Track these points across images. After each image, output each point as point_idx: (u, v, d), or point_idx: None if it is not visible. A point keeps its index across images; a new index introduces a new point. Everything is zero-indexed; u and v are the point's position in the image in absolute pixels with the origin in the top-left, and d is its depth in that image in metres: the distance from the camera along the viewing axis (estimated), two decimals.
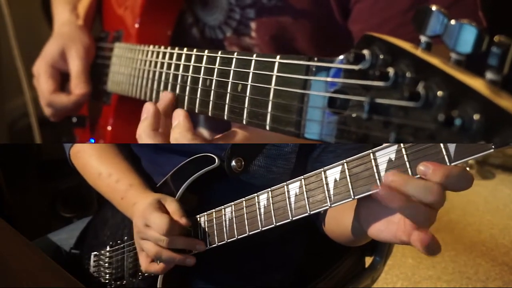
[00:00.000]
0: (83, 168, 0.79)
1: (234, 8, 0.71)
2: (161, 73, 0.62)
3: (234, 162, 0.65)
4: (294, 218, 0.52)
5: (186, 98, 0.57)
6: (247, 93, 0.48)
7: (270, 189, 0.55)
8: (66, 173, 0.85)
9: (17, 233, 0.62)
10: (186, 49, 0.58)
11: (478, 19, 0.59)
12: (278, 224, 0.54)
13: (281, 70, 0.45)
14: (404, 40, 0.36)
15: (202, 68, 0.55)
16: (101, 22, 0.87)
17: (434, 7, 0.34)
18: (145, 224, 0.63)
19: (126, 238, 0.75)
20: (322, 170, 0.49)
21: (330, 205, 0.48)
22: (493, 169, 2.69)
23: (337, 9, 0.65)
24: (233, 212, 0.60)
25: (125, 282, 0.73)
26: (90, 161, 0.77)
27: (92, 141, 0.84)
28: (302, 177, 0.52)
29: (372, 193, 0.44)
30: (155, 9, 0.75)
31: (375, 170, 0.44)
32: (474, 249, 1.92)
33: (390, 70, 0.35)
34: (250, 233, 0.57)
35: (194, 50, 0.57)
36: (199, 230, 0.65)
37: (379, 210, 0.48)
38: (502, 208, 2.29)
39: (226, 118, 0.51)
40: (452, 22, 0.33)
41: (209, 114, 0.54)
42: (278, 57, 0.46)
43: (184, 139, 0.53)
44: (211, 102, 0.53)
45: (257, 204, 0.56)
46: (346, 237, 0.59)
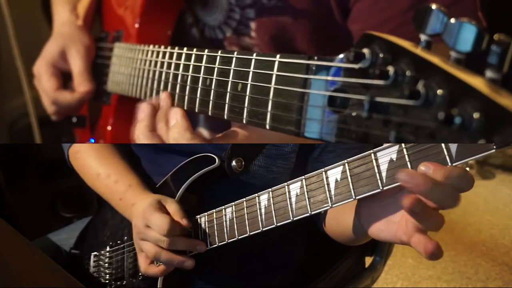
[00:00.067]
0: (82, 168, 0.79)
1: (234, 8, 0.71)
2: (161, 72, 0.62)
3: (234, 162, 0.65)
4: (295, 219, 0.52)
5: (186, 97, 0.57)
6: (247, 92, 0.48)
7: (271, 189, 0.55)
8: (66, 173, 0.85)
9: (17, 233, 0.62)
10: (186, 48, 0.58)
11: (478, 19, 0.59)
12: (279, 224, 0.54)
13: (281, 69, 0.45)
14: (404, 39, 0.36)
15: (202, 67, 0.55)
16: (101, 22, 0.87)
17: (434, 6, 0.34)
18: (145, 224, 0.63)
19: (126, 238, 0.74)
20: (323, 170, 0.49)
21: (331, 205, 0.48)
22: (493, 169, 2.69)
23: (337, 9, 0.65)
24: (233, 212, 0.60)
25: (125, 282, 0.73)
26: (89, 161, 0.77)
27: (92, 141, 0.84)
28: (303, 177, 0.52)
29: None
30: (155, 9, 0.75)
31: (376, 171, 0.44)
32: (474, 249, 1.92)
33: (390, 69, 0.35)
34: (251, 233, 0.57)
35: (194, 49, 0.57)
36: (200, 231, 0.64)
37: (380, 210, 0.48)
38: (502, 208, 2.29)
39: (226, 117, 0.51)
40: (452, 20, 0.33)
41: (209, 114, 0.54)
42: (278, 56, 0.46)
43: (182, 139, 0.53)
44: (211, 102, 0.53)
45: (258, 204, 0.56)
46: (347, 236, 0.59)
